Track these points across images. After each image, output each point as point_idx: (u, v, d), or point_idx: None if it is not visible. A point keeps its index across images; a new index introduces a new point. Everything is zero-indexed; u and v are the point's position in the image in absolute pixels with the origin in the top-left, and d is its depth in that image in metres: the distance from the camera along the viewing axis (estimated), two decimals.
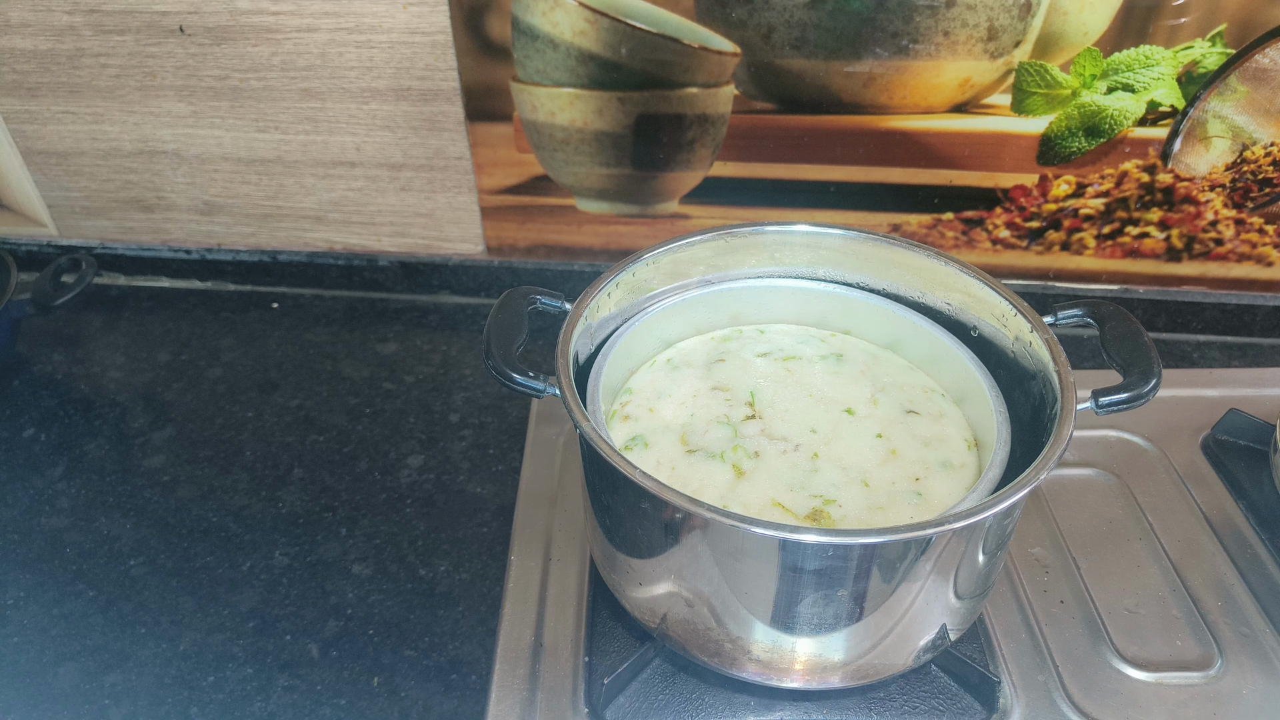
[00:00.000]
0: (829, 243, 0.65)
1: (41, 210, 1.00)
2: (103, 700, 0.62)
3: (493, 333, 0.57)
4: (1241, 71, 0.77)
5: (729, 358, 0.66)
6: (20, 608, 0.68)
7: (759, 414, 0.61)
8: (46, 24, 0.85)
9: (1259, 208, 0.84)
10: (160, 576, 0.70)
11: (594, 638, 0.63)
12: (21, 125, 0.93)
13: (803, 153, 0.85)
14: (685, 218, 0.91)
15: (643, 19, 0.78)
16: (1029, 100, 0.80)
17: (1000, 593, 0.66)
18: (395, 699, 0.61)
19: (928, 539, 0.46)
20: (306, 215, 0.97)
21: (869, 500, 0.55)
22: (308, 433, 0.83)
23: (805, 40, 0.78)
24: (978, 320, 0.61)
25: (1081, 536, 0.70)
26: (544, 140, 0.87)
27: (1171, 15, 0.75)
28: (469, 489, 0.77)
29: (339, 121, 0.88)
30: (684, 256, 0.64)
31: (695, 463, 0.57)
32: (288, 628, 0.66)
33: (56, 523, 0.75)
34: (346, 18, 0.81)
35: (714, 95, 0.82)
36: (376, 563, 0.71)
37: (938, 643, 0.54)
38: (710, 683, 0.60)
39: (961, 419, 0.61)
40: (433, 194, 0.93)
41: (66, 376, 0.91)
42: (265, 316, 0.99)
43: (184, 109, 0.90)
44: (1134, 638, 0.63)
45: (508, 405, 0.85)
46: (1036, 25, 0.76)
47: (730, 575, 0.49)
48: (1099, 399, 0.54)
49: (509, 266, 0.97)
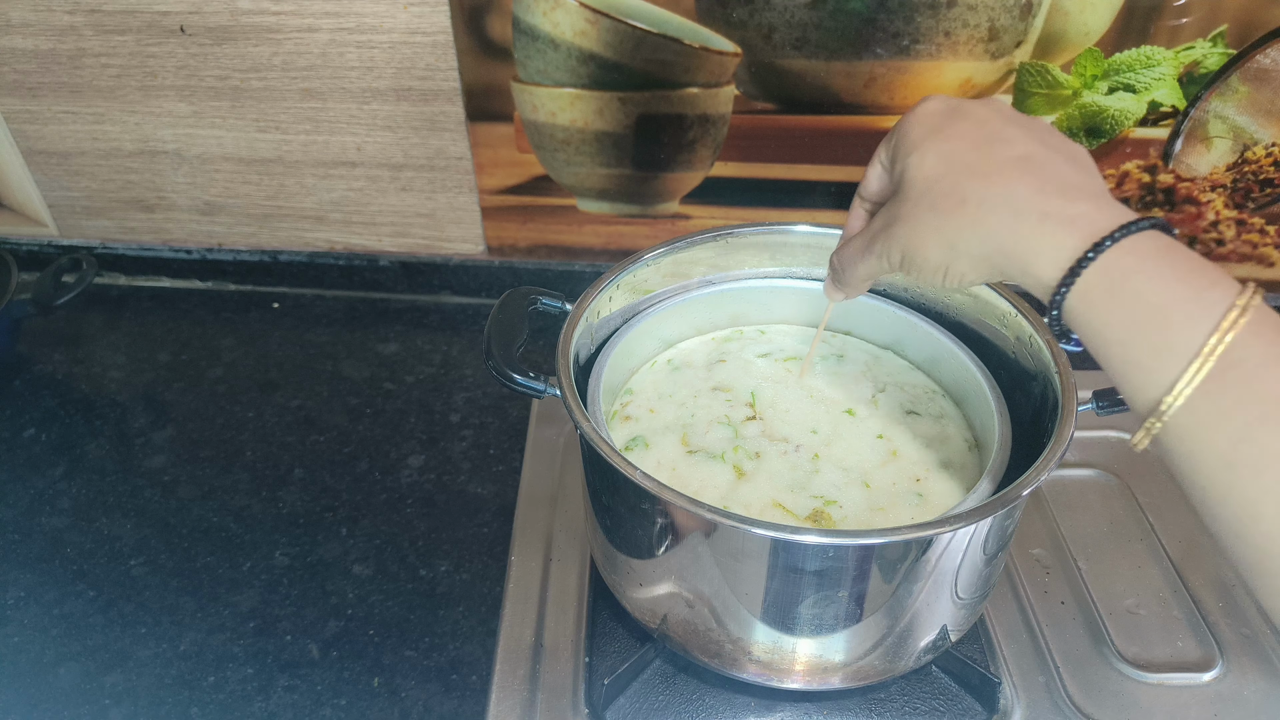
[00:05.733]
0: (830, 243, 0.64)
1: (42, 210, 1.00)
2: (103, 700, 0.62)
3: (493, 333, 0.57)
4: (1243, 72, 0.77)
5: (730, 358, 0.66)
6: (20, 608, 0.68)
7: (760, 415, 0.61)
8: (47, 24, 0.85)
9: (1260, 208, 0.84)
10: (161, 576, 0.70)
11: (594, 638, 0.63)
12: (22, 125, 0.93)
13: (804, 153, 0.85)
14: (686, 218, 0.91)
15: (644, 19, 0.78)
16: (1030, 100, 0.80)
17: (1001, 593, 0.66)
18: (395, 699, 0.61)
19: (928, 540, 0.46)
20: (307, 215, 0.97)
21: (870, 501, 0.55)
22: (308, 433, 0.83)
23: (806, 40, 0.78)
24: (978, 320, 0.61)
25: (1082, 537, 0.70)
26: (545, 140, 0.87)
27: (1173, 16, 0.74)
28: (469, 489, 0.77)
29: (340, 121, 0.88)
30: (685, 257, 0.64)
31: (696, 463, 0.57)
32: (288, 628, 0.66)
33: (57, 523, 0.75)
34: (347, 18, 0.81)
35: (715, 95, 0.82)
36: (377, 563, 0.71)
37: (938, 644, 0.54)
38: (710, 683, 0.60)
39: (962, 420, 0.61)
40: (433, 194, 0.93)
41: (67, 376, 0.91)
42: (266, 316, 0.99)
43: (185, 109, 0.90)
44: (1135, 638, 0.63)
45: (508, 405, 0.85)
46: (1038, 25, 0.76)
47: (731, 576, 0.49)
48: (1100, 400, 0.54)
49: (510, 266, 0.97)
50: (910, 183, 0.43)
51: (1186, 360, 0.34)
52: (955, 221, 0.40)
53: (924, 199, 0.42)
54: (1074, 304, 0.38)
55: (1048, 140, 0.42)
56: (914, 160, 0.43)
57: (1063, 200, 0.38)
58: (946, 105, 0.44)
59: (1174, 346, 0.35)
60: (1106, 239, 0.36)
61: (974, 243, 0.40)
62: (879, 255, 0.46)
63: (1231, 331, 0.33)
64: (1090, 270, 0.37)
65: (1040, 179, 0.39)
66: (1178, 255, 0.36)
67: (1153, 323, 0.35)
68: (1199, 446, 0.34)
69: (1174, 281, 0.35)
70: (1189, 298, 0.35)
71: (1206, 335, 0.34)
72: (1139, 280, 0.36)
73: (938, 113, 0.44)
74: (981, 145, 0.41)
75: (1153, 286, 0.36)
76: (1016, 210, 0.39)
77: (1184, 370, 0.34)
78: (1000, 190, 0.39)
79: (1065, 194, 0.39)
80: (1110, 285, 0.36)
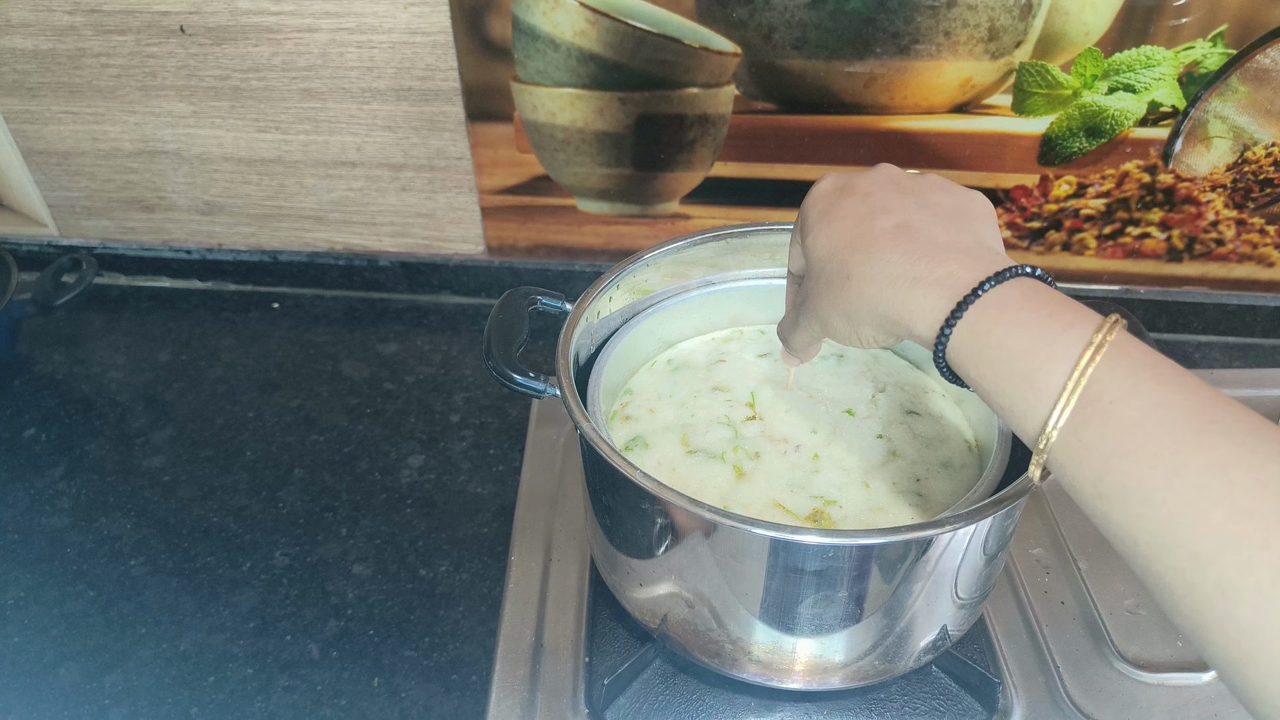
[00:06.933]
0: None
1: (42, 210, 1.00)
2: (103, 700, 0.62)
3: (493, 333, 0.57)
4: (1243, 72, 0.77)
5: (730, 358, 0.66)
6: (20, 608, 0.68)
7: (759, 415, 0.61)
8: (47, 24, 0.85)
9: (1260, 208, 0.84)
10: (161, 576, 0.70)
11: (594, 638, 0.63)
12: (22, 125, 0.93)
13: (804, 153, 0.85)
14: (686, 218, 0.91)
15: (643, 19, 0.78)
16: (1030, 100, 0.80)
17: (1001, 593, 0.66)
18: (395, 699, 0.61)
19: (928, 540, 0.46)
20: (307, 215, 0.97)
21: (869, 501, 0.55)
22: (308, 433, 0.83)
23: (806, 40, 0.78)
24: None
25: (1082, 537, 0.70)
26: (545, 140, 0.87)
27: (1173, 15, 0.74)
28: (469, 489, 0.77)
29: (340, 121, 0.88)
30: (685, 257, 0.64)
31: (696, 463, 0.57)
32: (288, 628, 0.66)
33: (57, 523, 0.75)
34: (347, 18, 0.81)
35: (715, 95, 0.82)
36: (377, 563, 0.71)
37: (938, 644, 0.54)
38: (710, 683, 0.60)
39: (962, 419, 0.61)
40: (433, 194, 0.93)
41: (67, 376, 0.91)
42: (266, 316, 0.99)
43: (185, 109, 0.90)
44: (1135, 639, 0.63)
45: (508, 405, 0.85)
46: (1037, 25, 0.76)
47: (731, 576, 0.49)
48: None
49: (509, 266, 0.97)
50: (811, 263, 0.47)
51: (1051, 401, 0.36)
52: (845, 296, 0.44)
53: (820, 277, 0.46)
54: (952, 357, 0.40)
55: (929, 201, 0.45)
56: (809, 242, 0.47)
57: (931, 263, 0.41)
58: (835, 185, 0.48)
59: (1039, 390, 0.36)
60: (970, 295, 0.39)
61: (864, 312, 0.43)
62: (804, 327, 0.49)
63: (1091, 368, 0.35)
64: (959, 327, 0.39)
65: (911, 245, 0.42)
66: (1039, 300, 0.38)
67: (1017, 370, 0.37)
68: (1074, 480, 0.36)
69: (1033, 327, 0.37)
70: (1048, 341, 0.37)
71: (1066, 375, 0.36)
72: (999, 331, 0.38)
73: (827, 194, 0.47)
74: (863, 220, 0.44)
75: (1014, 336, 0.38)
76: (891, 279, 0.42)
77: (1050, 410, 0.36)
78: (877, 262, 0.42)
79: (934, 257, 0.41)
80: (975, 339, 0.39)
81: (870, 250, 0.43)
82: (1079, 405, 0.35)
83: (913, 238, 0.42)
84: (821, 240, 0.46)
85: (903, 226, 0.43)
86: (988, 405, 0.40)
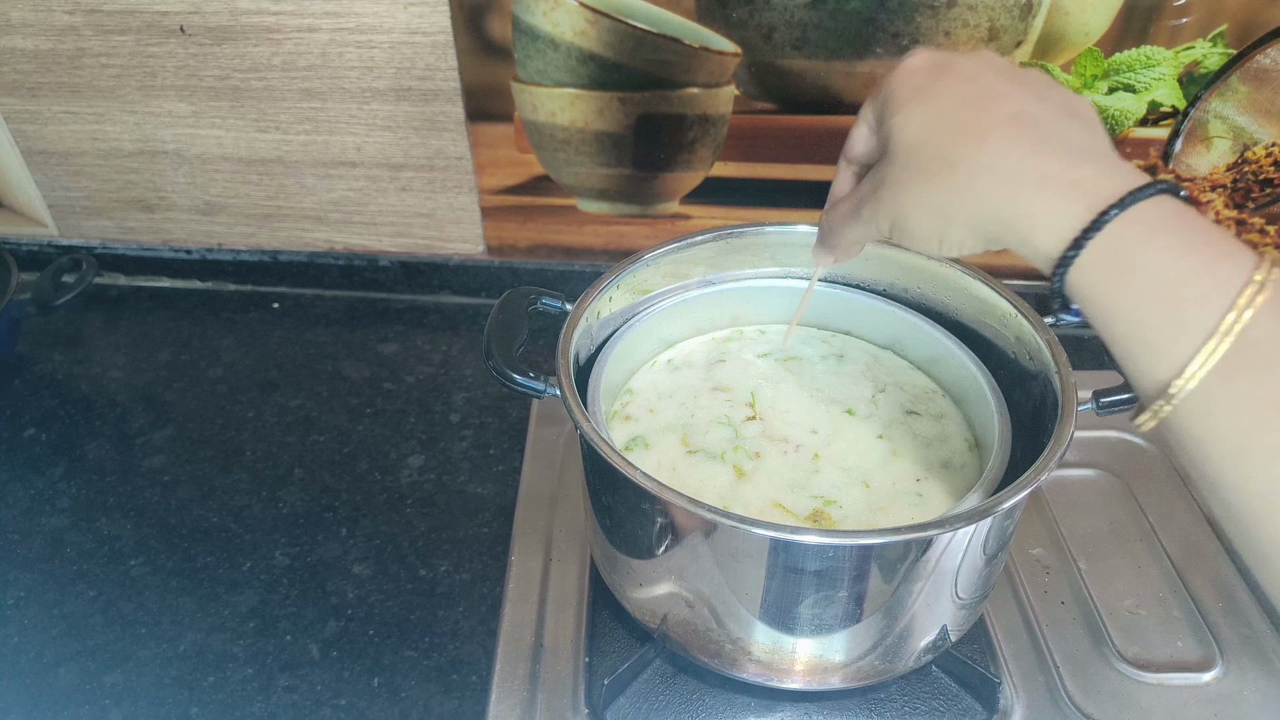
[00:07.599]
0: None
1: (42, 210, 1.00)
2: (103, 700, 0.62)
3: (493, 333, 0.57)
4: (1243, 72, 0.77)
5: (730, 358, 0.66)
6: (20, 608, 0.68)
7: (759, 415, 0.61)
8: (47, 24, 0.85)
9: (1260, 208, 0.84)
10: (160, 576, 0.70)
11: (594, 638, 0.63)
12: (22, 125, 0.93)
13: (803, 153, 0.85)
14: (686, 218, 0.91)
15: (643, 19, 0.78)
16: None
17: (1001, 593, 0.66)
18: (395, 699, 0.61)
19: (928, 540, 0.46)
20: (307, 215, 0.97)
21: (870, 501, 0.55)
22: (308, 433, 0.83)
23: (806, 40, 0.78)
24: (978, 320, 0.61)
25: (1082, 537, 0.70)
26: (545, 140, 0.87)
27: (1173, 15, 0.74)
28: (469, 489, 0.77)
29: (339, 121, 0.88)
30: (685, 257, 0.64)
31: (696, 463, 0.57)
32: (288, 628, 0.66)
33: (57, 523, 0.75)
34: (347, 18, 0.81)
35: (715, 95, 0.82)
36: (377, 563, 0.71)
37: (938, 644, 0.54)
38: (710, 683, 0.60)
39: (962, 419, 0.61)
40: (433, 194, 0.93)
41: (67, 376, 0.91)
42: (266, 316, 0.99)
43: (185, 109, 0.90)
44: (1135, 638, 0.63)
45: (508, 405, 0.85)
46: (1037, 25, 0.76)
47: (731, 576, 0.49)
48: (1100, 400, 0.54)
49: (509, 266, 0.97)
50: (897, 146, 0.40)
51: (1200, 340, 0.31)
52: (945, 188, 0.38)
53: (911, 164, 0.39)
54: (1077, 278, 0.35)
55: (1045, 94, 0.39)
56: (899, 121, 0.40)
57: (1063, 163, 0.35)
58: (933, 60, 0.41)
59: (1187, 325, 0.32)
60: (1113, 207, 0.33)
61: (967, 210, 0.37)
62: (866, 221, 0.43)
63: (1250, 309, 0.31)
64: (1095, 242, 0.34)
65: (1037, 139, 0.36)
66: (1189, 223, 0.33)
67: (1163, 299, 0.32)
68: (1209, 432, 0.32)
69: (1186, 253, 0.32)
70: (1202, 272, 0.32)
71: (1222, 313, 0.31)
72: (1148, 253, 0.33)
73: (924, 69, 0.41)
74: (972, 103, 0.38)
75: (1163, 260, 0.32)
76: (1012, 175, 0.36)
77: (1197, 351, 0.31)
78: (993, 153, 0.36)
79: (1066, 156, 0.36)
80: (1117, 259, 0.33)
81: (985, 138, 0.37)
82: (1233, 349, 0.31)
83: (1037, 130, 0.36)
84: (917, 121, 0.39)
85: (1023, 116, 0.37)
86: (1104, 337, 0.35)
